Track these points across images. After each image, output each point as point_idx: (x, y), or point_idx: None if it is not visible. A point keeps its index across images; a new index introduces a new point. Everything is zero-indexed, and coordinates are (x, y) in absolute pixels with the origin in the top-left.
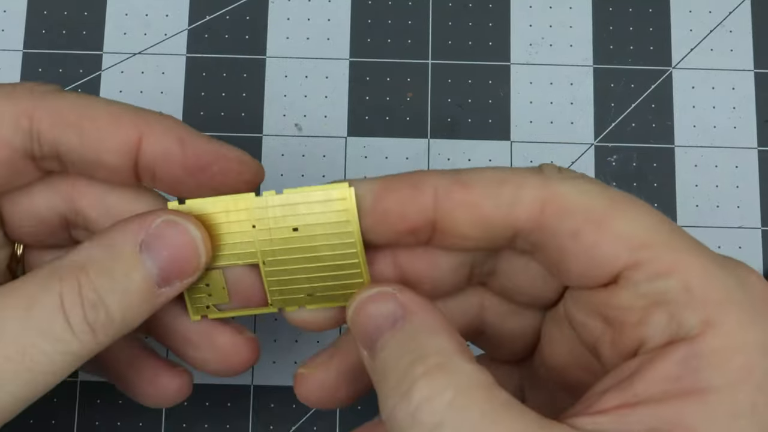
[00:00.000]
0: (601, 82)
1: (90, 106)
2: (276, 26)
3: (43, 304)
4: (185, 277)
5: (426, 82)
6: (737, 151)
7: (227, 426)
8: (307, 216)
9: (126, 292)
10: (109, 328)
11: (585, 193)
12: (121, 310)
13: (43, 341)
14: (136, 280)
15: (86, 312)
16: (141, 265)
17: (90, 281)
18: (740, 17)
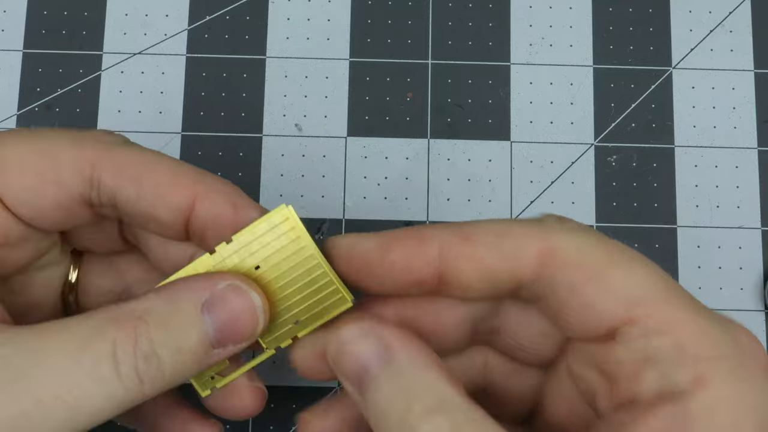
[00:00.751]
0: (601, 82)
1: (152, 162)
2: (276, 26)
3: (96, 348)
4: (240, 342)
5: (426, 82)
6: (737, 151)
7: (227, 426)
8: (261, 251)
9: (180, 348)
10: (157, 381)
11: (583, 246)
12: (173, 364)
13: (90, 384)
14: (193, 338)
15: (138, 362)
16: (200, 324)
17: (147, 332)
18: (740, 17)
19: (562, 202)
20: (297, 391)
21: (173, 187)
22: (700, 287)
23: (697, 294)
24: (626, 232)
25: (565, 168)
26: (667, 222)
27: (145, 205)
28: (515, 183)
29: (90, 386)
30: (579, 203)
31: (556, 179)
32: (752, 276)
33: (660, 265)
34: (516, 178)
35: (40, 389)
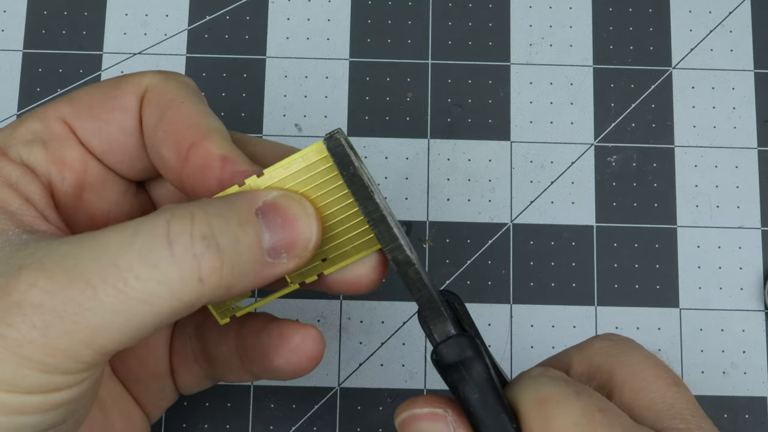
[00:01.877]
0: (601, 82)
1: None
2: (276, 26)
3: (148, 230)
4: (295, 251)
5: (426, 82)
6: (737, 151)
7: (227, 426)
8: (295, 186)
9: (238, 239)
10: (215, 270)
11: None
12: (231, 255)
13: (140, 266)
14: (250, 234)
15: (194, 243)
16: (255, 223)
17: (206, 216)
18: (740, 17)
19: (562, 202)
20: (297, 391)
21: (184, 127)
22: (700, 287)
23: (697, 294)
24: (626, 232)
25: (565, 168)
26: (667, 222)
27: (157, 139)
28: (515, 183)
29: (141, 269)
30: (579, 203)
31: (556, 179)
32: (752, 276)
33: (660, 265)
34: (516, 178)
35: (92, 274)
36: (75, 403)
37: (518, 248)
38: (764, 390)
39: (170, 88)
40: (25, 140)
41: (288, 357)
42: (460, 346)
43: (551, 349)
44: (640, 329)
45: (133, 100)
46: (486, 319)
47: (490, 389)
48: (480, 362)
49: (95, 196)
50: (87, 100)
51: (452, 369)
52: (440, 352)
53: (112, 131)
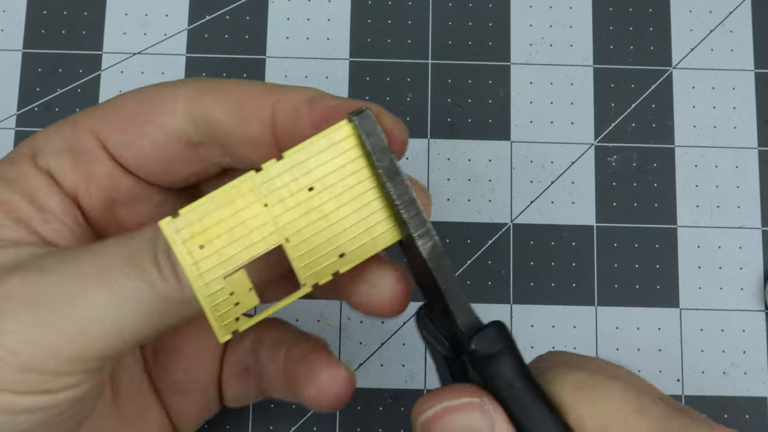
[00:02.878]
0: (601, 82)
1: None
2: (276, 26)
3: (141, 236)
4: None
5: (426, 82)
6: (737, 151)
7: (227, 426)
8: (318, 170)
9: None
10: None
11: None
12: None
13: (127, 265)
14: None
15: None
16: None
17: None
18: (740, 17)
19: (562, 202)
20: None
21: (255, 98)
22: (700, 287)
23: (698, 294)
24: (626, 232)
25: (565, 168)
26: (667, 222)
27: (236, 123)
28: (515, 183)
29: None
30: (579, 203)
31: (556, 179)
32: (752, 276)
33: (660, 265)
34: (516, 178)
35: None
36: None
37: (518, 248)
38: (764, 390)
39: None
40: (56, 149)
41: (315, 393)
42: (501, 335)
43: (551, 349)
44: (640, 329)
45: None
46: (486, 319)
47: (531, 379)
48: (517, 351)
49: (127, 210)
50: (117, 115)
51: (491, 359)
52: (480, 343)
53: (144, 146)
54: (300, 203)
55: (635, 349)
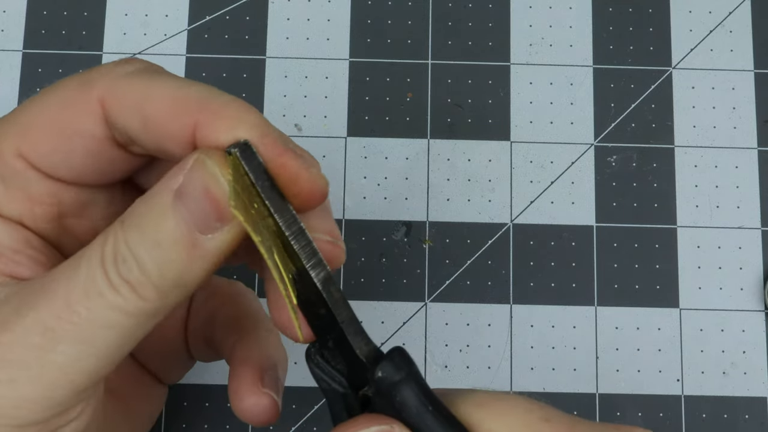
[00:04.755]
0: (601, 82)
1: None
2: (276, 26)
3: (89, 262)
4: (224, 219)
5: (426, 82)
6: (737, 151)
7: (227, 426)
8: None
9: (157, 244)
10: (147, 285)
11: None
12: (156, 265)
13: (86, 298)
14: (167, 230)
15: (119, 267)
16: (172, 213)
17: (123, 235)
18: (740, 17)
19: (562, 202)
20: (297, 392)
21: (171, 116)
22: (700, 287)
23: (697, 294)
24: (626, 232)
25: (565, 168)
26: (667, 222)
27: (153, 139)
28: (515, 183)
29: (88, 301)
30: (579, 203)
31: (556, 179)
32: (752, 276)
33: (660, 265)
34: (516, 178)
35: (47, 317)
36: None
37: (518, 248)
38: (764, 390)
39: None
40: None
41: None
42: (404, 361)
43: (551, 350)
44: (640, 329)
45: (88, 121)
46: (486, 319)
47: (438, 401)
48: (421, 376)
49: (76, 219)
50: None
51: (398, 385)
52: (386, 370)
53: (77, 159)
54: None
55: (635, 349)
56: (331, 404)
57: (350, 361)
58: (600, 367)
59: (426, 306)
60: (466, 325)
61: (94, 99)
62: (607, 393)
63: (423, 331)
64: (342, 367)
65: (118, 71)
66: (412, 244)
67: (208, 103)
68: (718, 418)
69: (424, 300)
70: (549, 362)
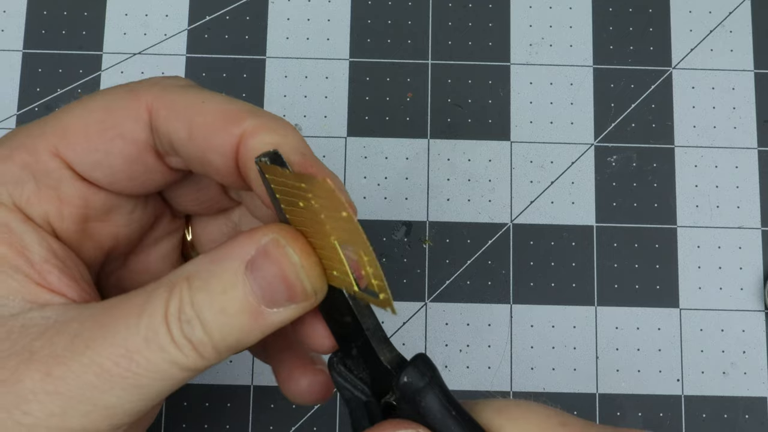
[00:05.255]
0: (601, 82)
1: (204, 101)
2: (276, 26)
3: (151, 313)
4: (295, 300)
5: (426, 82)
6: (737, 151)
7: (227, 426)
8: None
9: (223, 310)
10: (208, 346)
11: None
12: (219, 328)
13: (147, 349)
14: (235, 299)
15: (183, 326)
16: (242, 284)
17: (190, 295)
18: (740, 17)
19: (562, 202)
20: None
21: (220, 126)
22: (700, 287)
23: (697, 294)
24: (626, 232)
25: (565, 168)
26: (667, 222)
27: (197, 149)
28: (515, 183)
29: (148, 352)
30: (579, 203)
31: (556, 179)
32: (752, 276)
33: (660, 265)
34: (516, 178)
35: (103, 358)
36: None
37: (518, 248)
38: (764, 390)
39: (177, 95)
40: (16, 179)
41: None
42: (428, 367)
43: (551, 350)
44: (640, 329)
45: (133, 125)
46: (486, 319)
47: (460, 406)
48: (443, 381)
49: (100, 224)
50: (81, 127)
51: (423, 391)
52: (411, 375)
53: (114, 162)
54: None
55: (635, 349)
56: (354, 413)
57: (374, 369)
58: (600, 367)
59: (426, 306)
60: (466, 325)
61: (143, 105)
62: (607, 393)
63: (423, 331)
64: (364, 376)
65: (166, 83)
66: (412, 244)
67: (254, 117)
68: (718, 418)
69: (424, 300)
70: (549, 362)
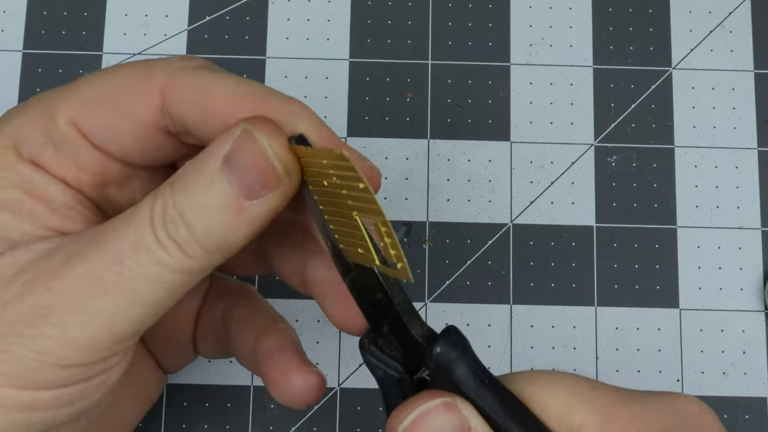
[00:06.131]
0: (601, 82)
1: (216, 84)
2: (276, 26)
3: (138, 220)
4: (270, 186)
5: (426, 82)
6: (737, 151)
7: (227, 426)
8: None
9: (205, 207)
10: (193, 244)
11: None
12: (202, 225)
13: (136, 253)
14: (214, 194)
15: (167, 226)
16: (219, 179)
17: (172, 197)
18: (740, 17)
19: (562, 202)
20: None
21: (234, 108)
22: (700, 287)
23: (697, 294)
24: (626, 232)
25: (565, 168)
26: (667, 222)
27: (211, 130)
28: (515, 183)
29: (137, 256)
30: (579, 203)
31: (556, 179)
32: (752, 276)
33: (660, 266)
34: (516, 178)
35: (96, 267)
36: (89, 398)
37: (518, 248)
38: (764, 390)
39: (189, 78)
40: (37, 141)
41: (285, 396)
42: (459, 338)
43: (551, 350)
44: (640, 329)
45: (145, 108)
46: (486, 319)
47: (493, 376)
48: (473, 350)
49: (117, 189)
50: (96, 102)
51: (456, 361)
52: (445, 346)
53: (124, 140)
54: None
55: (635, 350)
56: (387, 391)
57: (406, 344)
58: (600, 367)
59: (426, 306)
60: (466, 325)
61: (155, 89)
62: None
63: None
64: (396, 354)
65: (179, 64)
66: (412, 244)
67: (267, 98)
68: None
69: (424, 300)
70: (549, 362)
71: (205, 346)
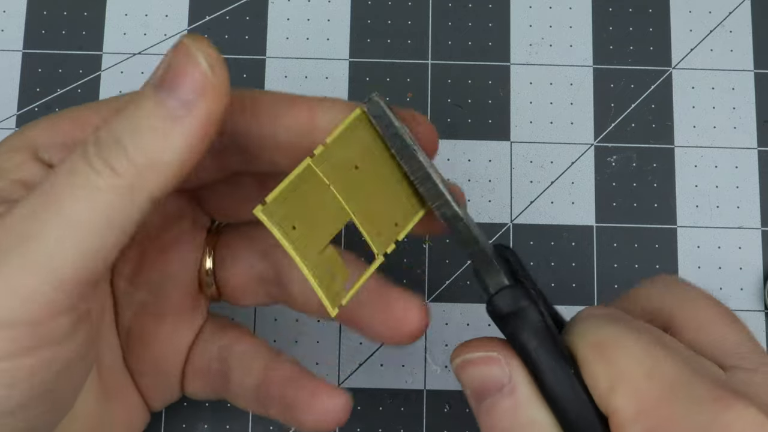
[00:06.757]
0: (601, 82)
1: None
2: (276, 26)
3: (73, 155)
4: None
5: (426, 82)
6: (737, 151)
7: (227, 426)
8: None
9: (138, 125)
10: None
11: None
12: (136, 143)
13: (71, 184)
14: (146, 108)
15: (100, 150)
16: (150, 96)
17: (106, 125)
18: (740, 17)
19: (562, 202)
20: None
21: (290, 105)
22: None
23: None
24: (626, 232)
25: (565, 168)
26: (667, 222)
27: (261, 126)
28: (515, 183)
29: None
30: (579, 203)
31: (556, 179)
32: (752, 276)
33: (660, 265)
34: (516, 178)
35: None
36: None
37: (518, 248)
38: None
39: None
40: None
41: (317, 417)
42: (514, 296)
43: None
44: None
45: None
46: (486, 320)
47: (547, 336)
48: (533, 310)
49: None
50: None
51: (508, 318)
52: (495, 303)
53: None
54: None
55: None
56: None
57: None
58: None
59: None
60: (466, 325)
61: None
62: None
63: None
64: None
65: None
66: (412, 244)
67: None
68: None
69: (424, 300)
70: None
71: (194, 384)
